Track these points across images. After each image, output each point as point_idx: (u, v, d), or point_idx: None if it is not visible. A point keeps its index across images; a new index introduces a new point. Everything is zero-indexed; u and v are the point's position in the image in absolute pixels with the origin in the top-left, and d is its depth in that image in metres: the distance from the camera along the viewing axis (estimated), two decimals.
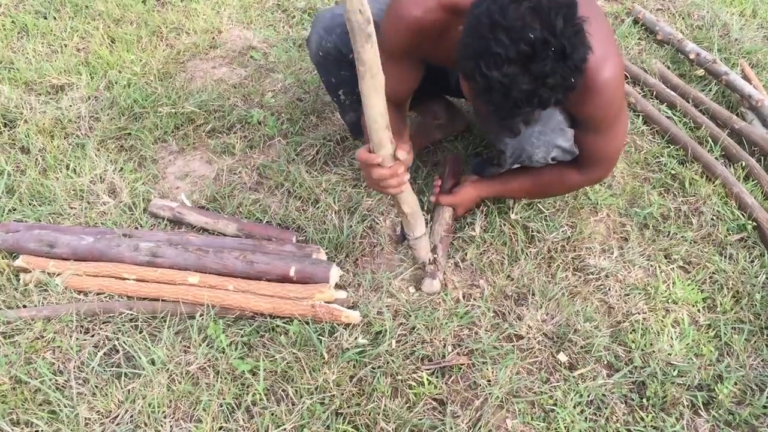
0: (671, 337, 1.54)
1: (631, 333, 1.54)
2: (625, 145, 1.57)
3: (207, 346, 1.48)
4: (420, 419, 1.37)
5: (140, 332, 1.51)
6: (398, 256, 1.72)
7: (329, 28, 1.66)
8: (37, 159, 1.97)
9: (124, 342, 1.49)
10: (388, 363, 1.45)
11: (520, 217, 1.78)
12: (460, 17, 1.32)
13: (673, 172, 1.96)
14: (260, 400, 1.40)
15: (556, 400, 1.41)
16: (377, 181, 1.38)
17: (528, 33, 1.08)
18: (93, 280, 1.60)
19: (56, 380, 1.42)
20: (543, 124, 1.48)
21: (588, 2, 1.40)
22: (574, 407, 1.40)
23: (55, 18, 2.55)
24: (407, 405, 1.40)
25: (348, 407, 1.38)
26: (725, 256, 1.73)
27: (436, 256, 1.63)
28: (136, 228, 1.78)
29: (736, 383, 1.46)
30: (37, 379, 1.42)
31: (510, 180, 1.69)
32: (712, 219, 1.83)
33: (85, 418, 1.36)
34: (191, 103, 2.16)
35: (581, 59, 1.14)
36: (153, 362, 1.45)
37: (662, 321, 1.57)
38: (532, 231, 1.75)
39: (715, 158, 1.98)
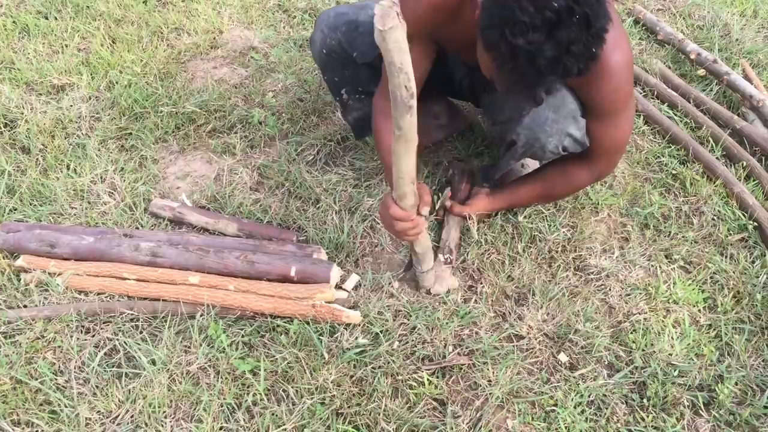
0: (672, 338, 1.54)
1: (631, 333, 1.54)
2: (630, 136, 1.58)
3: (207, 346, 1.48)
4: (420, 419, 1.37)
5: (141, 332, 1.51)
6: (399, 257, 1.72)
7: (334, 26, 1.66)
8: (37, 159, 1.97)
9: (124, 342, 1.49)
10: (388, 363, 1.45)
11: (521, 218, 1.78)
12: None
13: (674, 172, 1.96)
14: (261, 400, 1.40)
15: (557, 400, 1.41)
16: (398, 232, 1.40)
17: (552, 1, 1.09)
18: (94, 280, 1.60)
19: (57, 380, 1.42)
20: (556, 113, 1.48)
21: None
22: (575, 407, 1.40)
23: (56, 18, 2.55)
24: (408, 405, 1.40)
25: (348, 407, 1.38)
26: (726, 256, 1.73)
27: (450, 257, 1.66)
28: (137, 228, 1.78)
29: (736, 383, 1.45)
30: (37, 379, 1.42)
31: (519, 187, 1.72)
32: (713, 219, 1.82)
33: (86, 418, 1.36)
34: (192, 103, 2.16)
35: (603, 28, 1.15)
36: (153, 362, 1.45)
37: (663, 321, 1.57)
38: (533, 231, 1.75)
39: (716, 158, 1.98)
